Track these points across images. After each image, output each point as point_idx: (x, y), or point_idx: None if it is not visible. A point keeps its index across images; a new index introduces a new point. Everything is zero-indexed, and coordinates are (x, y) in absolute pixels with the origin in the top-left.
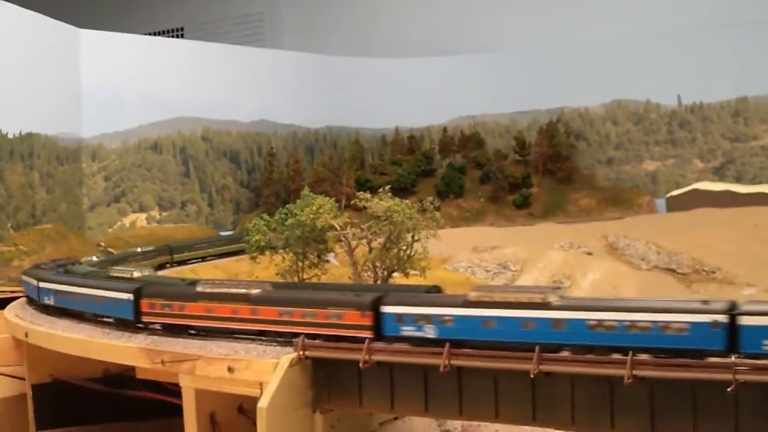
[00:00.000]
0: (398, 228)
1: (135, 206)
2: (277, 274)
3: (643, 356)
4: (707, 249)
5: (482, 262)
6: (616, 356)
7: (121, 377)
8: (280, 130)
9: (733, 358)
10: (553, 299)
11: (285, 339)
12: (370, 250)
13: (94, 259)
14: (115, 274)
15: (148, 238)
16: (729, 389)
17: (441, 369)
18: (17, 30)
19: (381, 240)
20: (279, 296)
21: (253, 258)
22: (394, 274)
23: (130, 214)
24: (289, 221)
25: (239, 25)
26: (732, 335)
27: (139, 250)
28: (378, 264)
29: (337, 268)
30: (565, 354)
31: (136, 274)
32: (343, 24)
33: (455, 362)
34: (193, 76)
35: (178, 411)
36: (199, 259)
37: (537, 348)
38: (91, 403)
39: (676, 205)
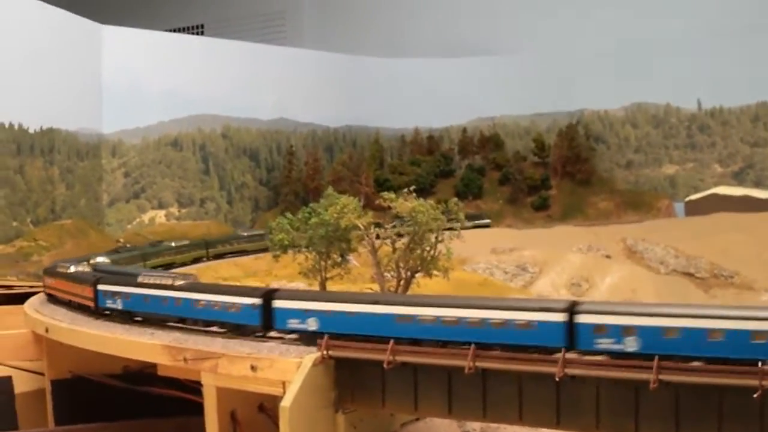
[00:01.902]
0: (422, 229)
1: (154, 203)
2: (300, 273)
3: (669, 362)
4: (726, 254)
5: (501, 264)
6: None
7: (141, 374)
8: (300, 129)
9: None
10: (178, 283)
11: (59, 300)
12: (394, 250)
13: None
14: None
15: (166, 234)
16: (755, 395)
17: (466, 371)
18: (40, 26)
19: (405, 240)
20: (62, 272)
21: (275, 257)
22: (417, 275)
23: (149, 210)
24: (313, 220)
25: (260, 23)
26: (267, 316)
27: (245, 234)
28: (401, 264)
29: (358, 269)
30: (590, 358)
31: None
32: (364, 24)
33: (480, 364)
34: (213, 73)
35: (197, 409)
36: None
37: (563, 351)
38: (110, 399)
39: (695, 209)
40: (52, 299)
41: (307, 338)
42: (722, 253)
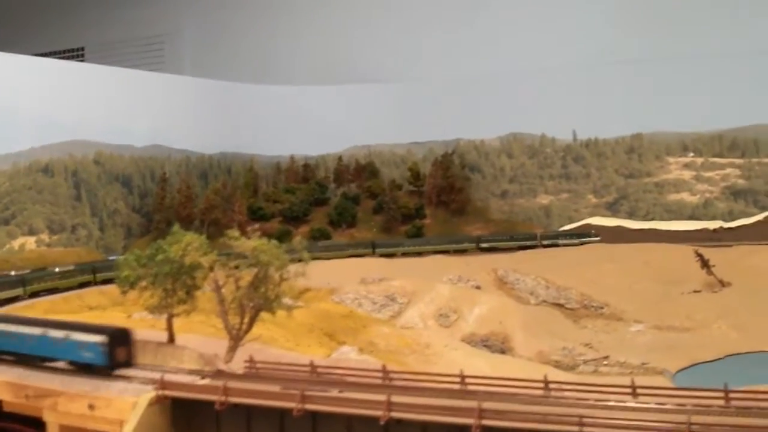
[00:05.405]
0: (265, 267)
1: (24, 229)
2: (146, 309)
3: (490, 405)
4: (596, 284)
5: (369, 294)
6: (466, 405)
7: None
8: (174, 155)
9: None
10: None
11: None
12: (238, 288)
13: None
14: None
15: (37, 261)
16: None
17: (294, 413)
18: None
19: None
20: None
21: (123, 292)
22: (262, 313)
23: (19, 236)
24: (159, 257)
25: (141, 47)
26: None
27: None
28: (245, 302)
29: (208, 302)
30: (413, 401)
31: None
32: (242, 50)
33: (309, 406)
34: (87, 99)
35: None
36: None
37: (388, 395)
38: None
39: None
40: None
41: None
42: (593, 284)
